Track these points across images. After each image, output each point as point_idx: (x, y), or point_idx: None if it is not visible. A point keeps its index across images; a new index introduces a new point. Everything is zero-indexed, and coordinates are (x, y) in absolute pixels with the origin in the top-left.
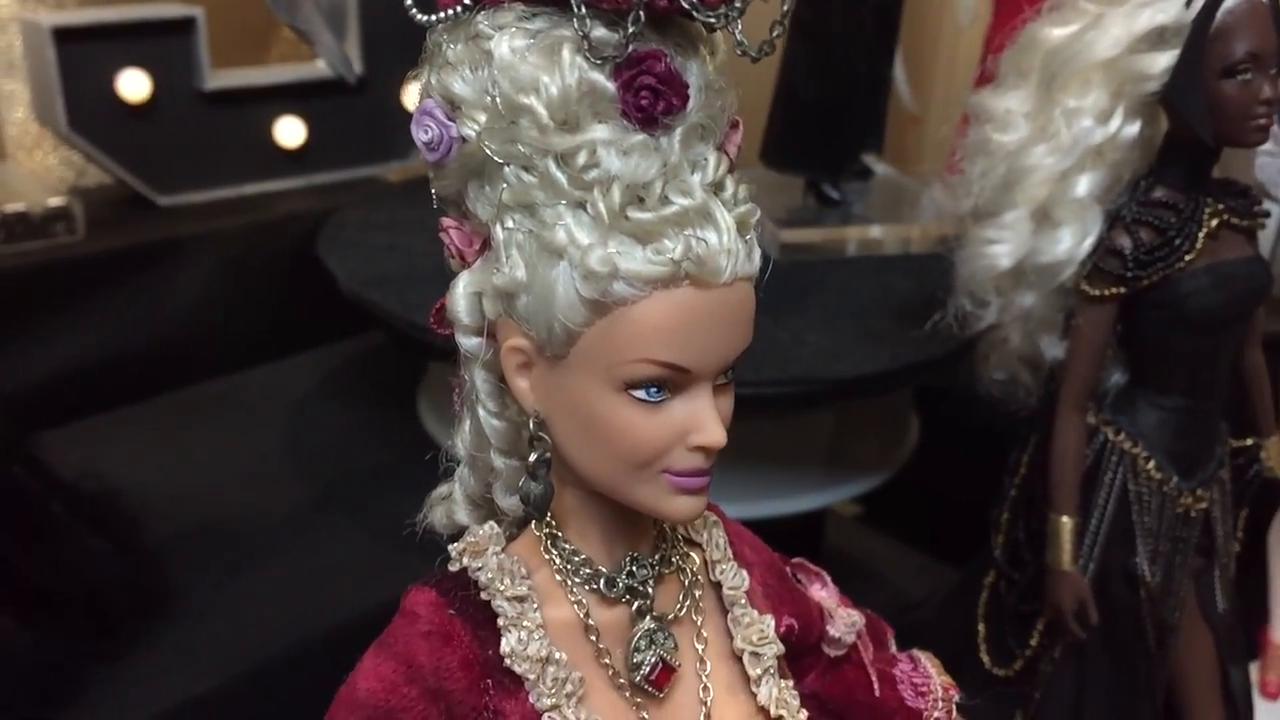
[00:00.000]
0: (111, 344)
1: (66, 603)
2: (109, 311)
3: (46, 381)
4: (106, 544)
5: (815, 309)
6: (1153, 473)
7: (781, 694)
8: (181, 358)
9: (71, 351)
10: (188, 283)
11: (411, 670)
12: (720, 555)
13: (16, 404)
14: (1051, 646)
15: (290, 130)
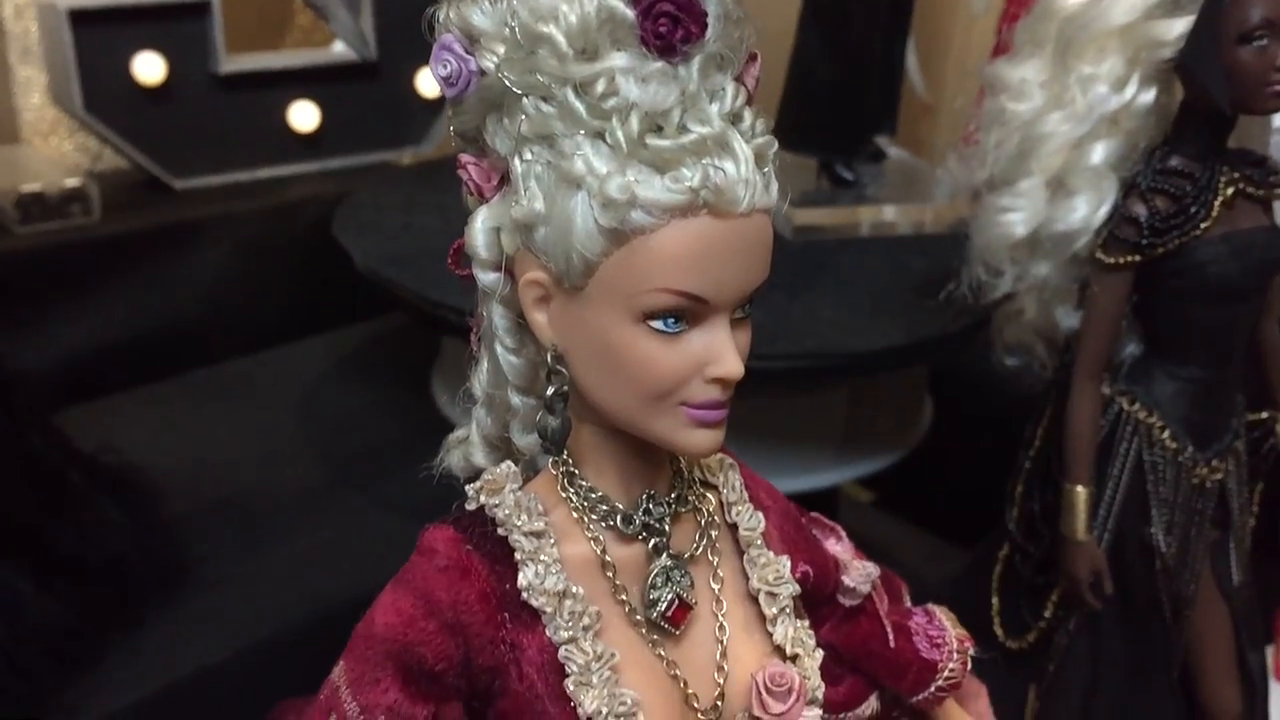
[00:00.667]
0: (127, 325)
1: (86, 571)
2: (125, 292)
3: (62, 361)
4: (124, 515)
5: (829, 286)
6: (1168, 442)
7: (798, 633)
8: (197, 339)
9: (86, 332)
10: (203, 265)
11: (429, 605)
12: (736, 497)
13: (33, 382)
14: (1066, 618)
15: (304, 114)
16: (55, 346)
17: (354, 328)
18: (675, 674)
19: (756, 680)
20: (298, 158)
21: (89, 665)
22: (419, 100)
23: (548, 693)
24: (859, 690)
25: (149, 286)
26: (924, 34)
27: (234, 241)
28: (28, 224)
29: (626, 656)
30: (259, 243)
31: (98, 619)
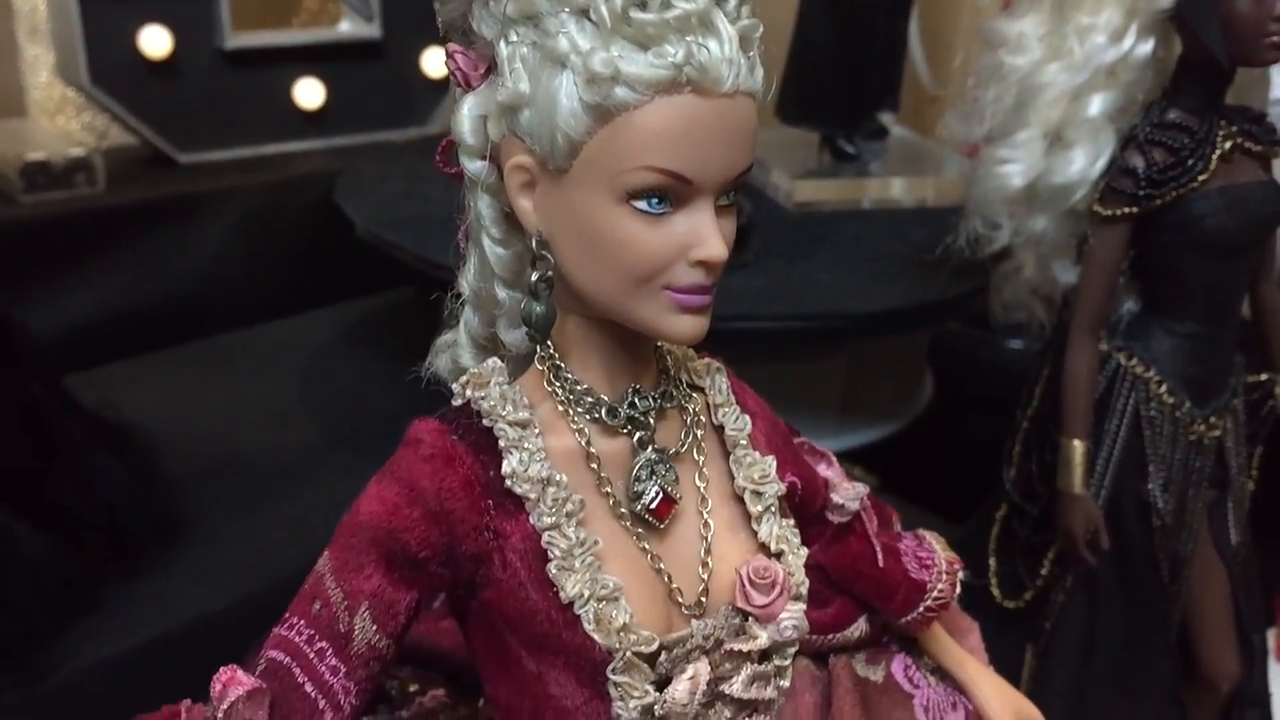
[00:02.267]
0: (129, 295)
1: (86, 521)
2: (128, 263)
3: (64, 329)
4: (121, 468)
5: (829, 254)
6: (1165, 398)
7: (782, 531)
8: (200, 310)
9: (89, 301)
10: (207, 238)
11: (414, 493)
12: (723, 400)
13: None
14: (1063, 576)
15: (309, 91)
16: (57, 314)
17: (356, 302)
18: (659, 568)
19: (740, 573)
20: (302, 135)
21: (83, 611)
22: (424, 80)
23: (530, 579)
24: (848, 612)
25: (152, 257)
26: (931, 24)
27: (237, 215)
28: (33, 193)
29: (610, 548)
30: (262, 217)
31: (92, 566)
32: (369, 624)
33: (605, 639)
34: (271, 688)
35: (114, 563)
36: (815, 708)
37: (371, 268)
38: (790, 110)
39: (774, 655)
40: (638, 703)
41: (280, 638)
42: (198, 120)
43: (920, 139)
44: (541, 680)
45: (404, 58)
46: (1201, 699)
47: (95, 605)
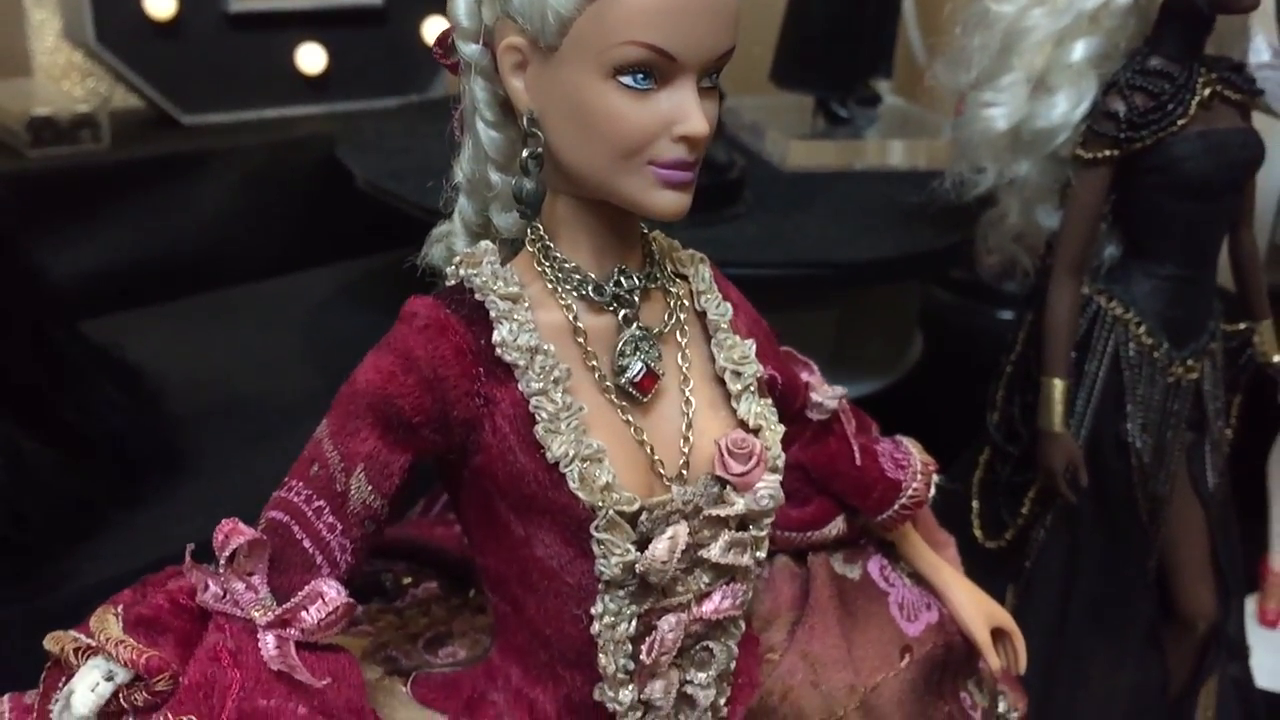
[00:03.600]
0: (132, 250)
1: (92, 445)
2: (131, 219)
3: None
4: (131, 400)
5: (821, 208)
6: (1144, 339)
7: (761, 409)
8: (202, 267)
9: (91, 256)
10: (209, 196)
11: (408, 361)
12: (705, 287)
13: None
14: (1043, 514)
15: (311, 56)
16: (61, 267)
17: (356, 261)
18: (642, 439)
19: (719, 444)
20: (304, 99)
21: (87, 533)
22: (425, 48)
23: (519, 443)
24: (826, 511)
25: (156, 214)
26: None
27: (240, 174)
28: (39, 147)
29: (595, 419)
30: (265, 176)
31: (97, 490)
32: (364, 484)
33: (589, 496)
34: (270, 544)
35: (118, 488)
36: (793, 600)
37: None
38: (784, 74)
39: (751, 525)
40: (619, 560)
41: (279, 499)
42: (201, 82)
43: (914, 107)
44: (529, 543)
45: (405, 25)
46: (1178, 638)
47: (99, 528)
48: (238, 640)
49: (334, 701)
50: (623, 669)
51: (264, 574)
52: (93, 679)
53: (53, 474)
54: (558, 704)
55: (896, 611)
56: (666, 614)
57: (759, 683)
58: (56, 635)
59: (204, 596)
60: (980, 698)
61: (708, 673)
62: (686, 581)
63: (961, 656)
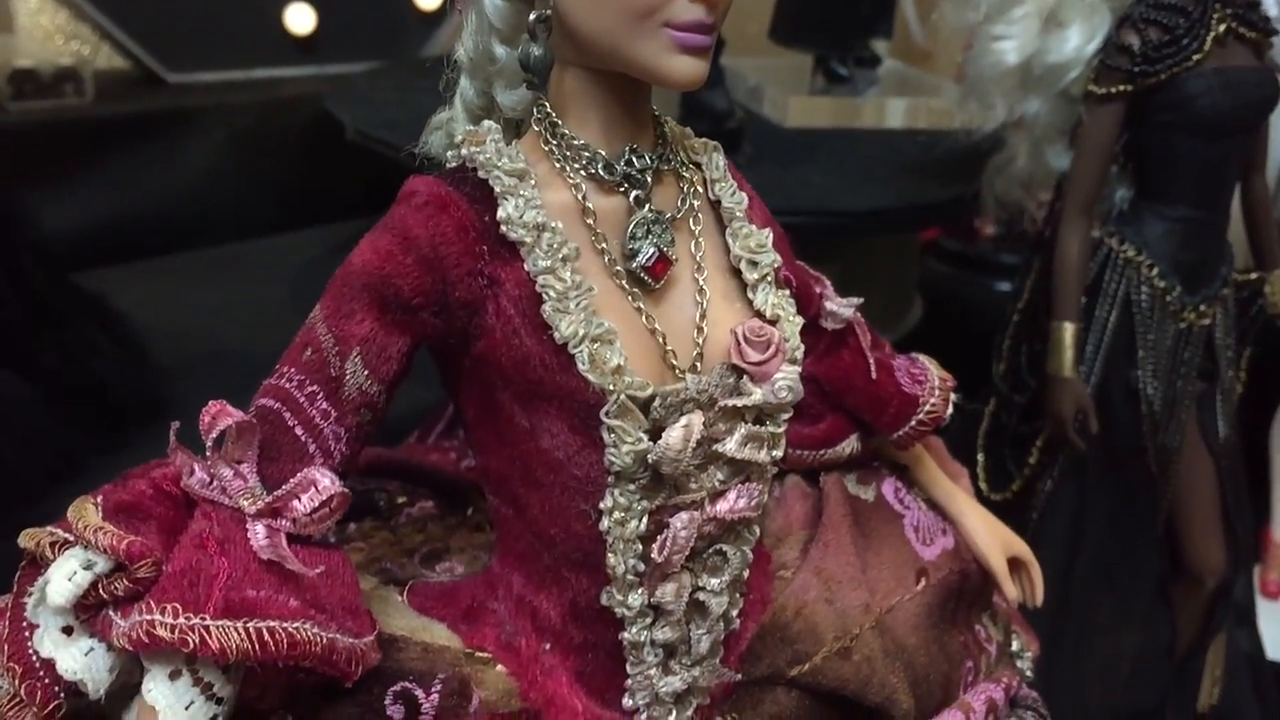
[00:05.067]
0: (117, 205)
1: (75, 389)
2: (116, 174)
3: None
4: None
5: (823, 161)
6: (1156, 282)
7: (778, 299)
8: (188, 224)
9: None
10: (196, 153)
11: (407, 241)
12: (720, 176)
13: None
14: (1050, 465)
15: (300, 17)
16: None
17: (345, 224)
18: (654, 328)
19: (736, 332)
20: (292, 60)
21: (67, 476)
22: (416, 12)
23: (524, 325)
24: (840, 428)
25: (139, 171)
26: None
27: (226, 133)
28: (20, 100)
29: (604, 305)
30: (252, 136)
31: (79, 433)
32: (360, 368)
33: (599, 379)
34: (260, 431)
35: (99, 433)
36: (806, 518)
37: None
38: (784, 31)
39: (768, 420)
40: (630, 449)
41: (269, 386)
42: (187, 40)
43: (913, 70)
44: (534, 435)
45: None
46: (1187, 594)
47: (79, 471)
48: (225, 529)
49: (327, 597)
50: (632, 570)
51: (253, 462)
52: (70, 568)
53: (35, 413)
54: (562, 610)
55: (912, 534)
56: (679, 511)
57: (770, 599)
58: (32, 532)
59: (189, 481)
60: (995, 631)
61: (720, 578)
62: (700, 479)
63: (977, 586)
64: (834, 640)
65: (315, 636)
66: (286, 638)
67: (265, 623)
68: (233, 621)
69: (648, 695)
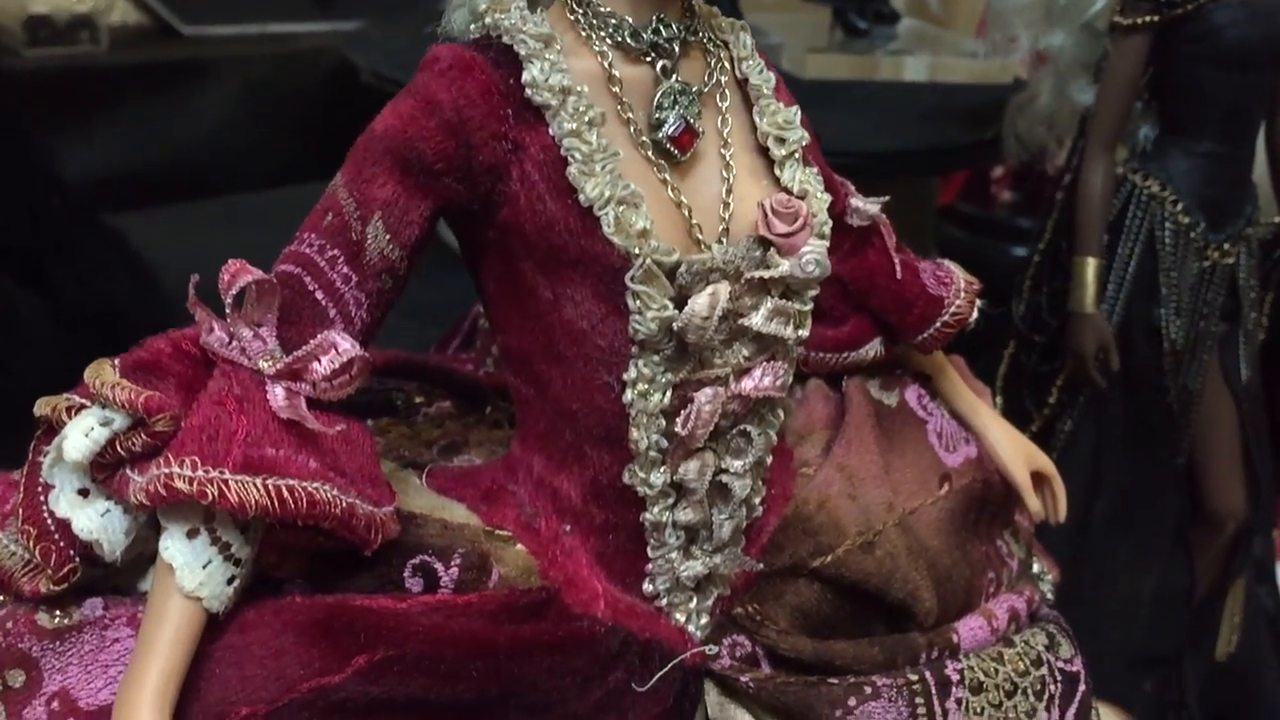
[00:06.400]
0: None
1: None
2: (130, 123)
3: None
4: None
5: (843, 107)
6: (1180, 217)
7: (805, 176)
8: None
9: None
10: (210, 104)
11: (430, 105)
12: (747, 54)
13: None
14: (1070, 405)
15: None
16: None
17: None
18: (680, 201)
19: (763, 204)
20: (308, 16)
21: None
22: None
23: (549, 190)
24: (863, 330)
25: (154, 120)
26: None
27: (241, 84)
28: (34, 47)
29: (630, 174)
30: (267, 87)
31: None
32: (382, 232)
33: (624, 242)
34: (280, 294)
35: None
36: (828, 418)
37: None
38: None
39: (794, 297)
40: (656, 315)
41: (289, 253)
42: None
43: (931, 27)
44: (557, 306)
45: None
46: (1206, 538)
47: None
48: (244, 388)
49: (347, 463)
50: (655, 446)
51: (272, 325)
52: (87, 424)
53: (45, 332)
54: (583, 489)
55: (935, 440)
56: (703, 387)
57: (792, 495)
58: (47, 399)
59: (208, 339)
60: (1017, 549)
61: (744, 460)
62: (725, 354)
63: (1000, 499)
64: (857, 535)
65: (335, 499)
66: (306, 497)
67: (285, 480)
68: (252, 478)
69: (668, 580)
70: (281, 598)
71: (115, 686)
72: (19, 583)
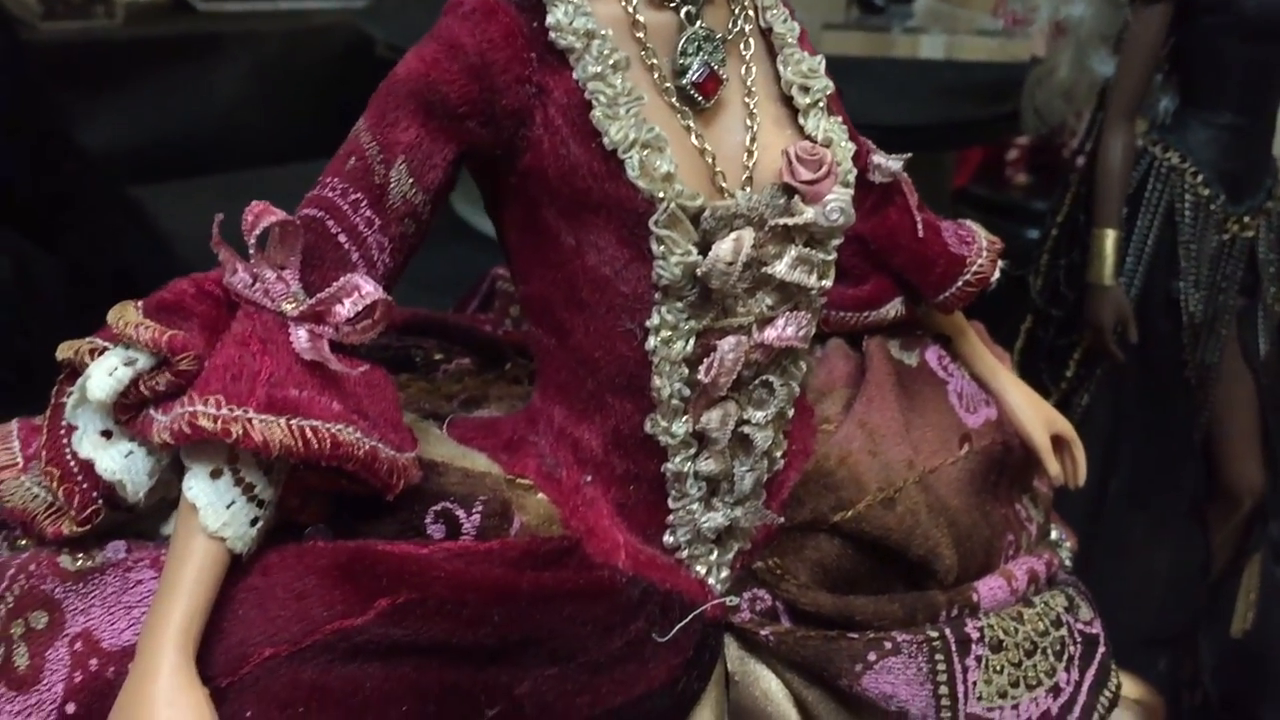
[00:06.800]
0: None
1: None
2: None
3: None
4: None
5: (859, 82)
6: (1200, 189)
7: (830, 124)
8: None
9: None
10: (225, 79)
11: (453, 48)
12: (771, 3)
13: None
14: (1087, 378)
15: None
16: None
17: None
18: (704, 148)
19: (788, 152)
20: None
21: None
22: None
23: (573, 134)
24: (884, 290)
25: (168, 94)
26: None
27: (255, 59)
28: (51, 20)
29: (654, 119)
30: (282, 62)
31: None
32: (405, 176)
33: (649, 185)
34: (303, 238)
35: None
36: (849, 376)
37: None
38: None
39: (818, 246)
40: (679, 260)
41: (312, 197)
42: None
43: (948, 4)
44: (579, 252)
45: None
46: (1223, 514)
47: None
48: (267, 330)
49: (370, 407)
50: (677, 394)
51: (296, 268)
52: (111, 364)
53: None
54: (604, 439)
55: (955, 400)
56: (726, 335)
57: (812, 450)
58: (69, 343)
59: (231, 279)
60: (1035, 514)
61: (765, 412)
62: (749, 303)
63: (1019, 463)
64: (878, 491)
65: (358, 441)
66: (329, 438)
67: (308, 421)
68: (276, 418)
69: (689, 532)
70: (304, 543)
71: (138, 627)
72: (42, 525)
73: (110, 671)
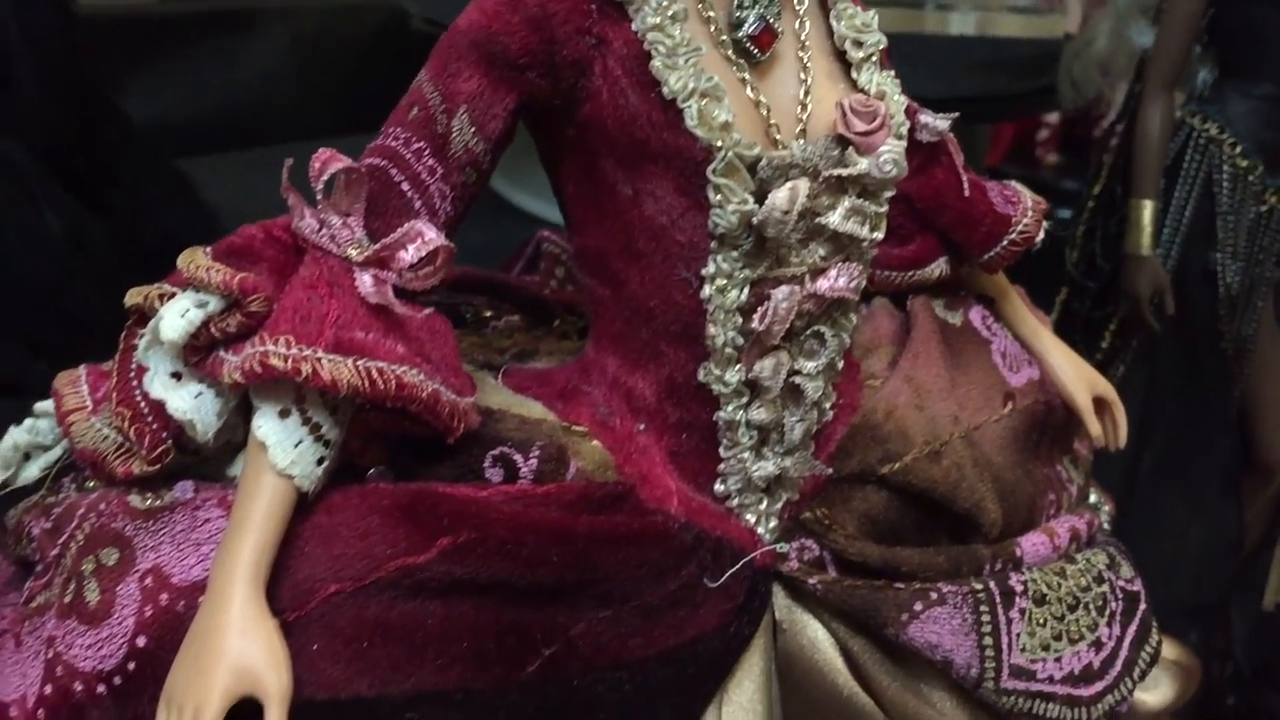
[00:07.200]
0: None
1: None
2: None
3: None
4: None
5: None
6: (1239, 160)
7: (884, 79)
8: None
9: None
10: (259, 52)
11: (514, 1)
12: None
13: None
14: (1123, 350)
15: None
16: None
17: None
18: (760, 100)
19: (842, 104)
20: None
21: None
22: None
23: (631, 84)
24: (930, 249)
25: (204, 68)
26: None
27: (292, 34)
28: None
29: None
30: (317, 37)
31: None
32: (467, 125)
33: (707, 134)
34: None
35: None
36: (894, 334)
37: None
38: None
39: (870, 198)
40: (736, 209)
41: (375, 146)
42: None
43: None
44: (637, 202)
45: None
46: (1257, 487)
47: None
48: (334, 274)
49: (432, 351)
50: (731, 343)
51: (360, 214)
52: (183, 306)
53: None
54: (658, 387)
55: (999, 360)
56: (780, 284)
57: (859, 405)
58: (138, 289)
59: (299, 224)
60: (1076, 475)
61: (816, 362)
62: (802, 253)
63: (1060, 423)
64: (924, 444)
65: (422, 383)
66: (395, 380)
67: (375, 363)
68: (343, 358)
69: (740, 480)
70: (366, 484)
71: (207, 564)
72: (112, 466)
73: (180, 605)
